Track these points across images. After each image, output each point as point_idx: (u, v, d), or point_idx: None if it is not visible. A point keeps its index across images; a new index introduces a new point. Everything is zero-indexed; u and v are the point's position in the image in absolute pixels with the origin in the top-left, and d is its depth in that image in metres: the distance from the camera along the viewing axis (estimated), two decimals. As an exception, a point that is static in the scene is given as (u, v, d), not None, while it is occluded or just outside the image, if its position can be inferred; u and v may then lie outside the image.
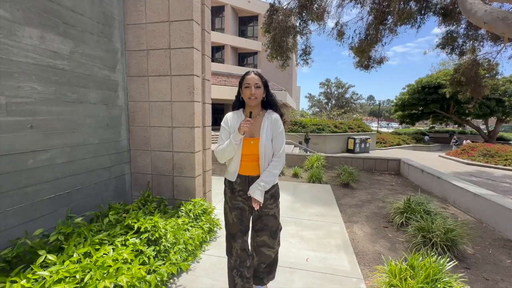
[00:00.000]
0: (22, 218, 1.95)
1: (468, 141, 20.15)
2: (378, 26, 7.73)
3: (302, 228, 3.19)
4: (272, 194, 1.68)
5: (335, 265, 2.38)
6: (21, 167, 1.93)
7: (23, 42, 1.91)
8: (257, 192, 1.56)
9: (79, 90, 2.40)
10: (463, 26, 8.71)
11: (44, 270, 1.50)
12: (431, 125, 34.14)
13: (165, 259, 2.10)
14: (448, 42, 9.22)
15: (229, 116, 1.70)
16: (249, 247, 1.81)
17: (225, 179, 1.73)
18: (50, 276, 1.46)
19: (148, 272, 1.89)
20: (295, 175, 6.15)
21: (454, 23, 8.56)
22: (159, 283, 1.88)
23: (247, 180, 1.64)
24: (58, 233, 1.93)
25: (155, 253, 2.09)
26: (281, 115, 1.69)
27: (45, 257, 1.60)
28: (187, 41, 2.84)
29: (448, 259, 2.08)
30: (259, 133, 1.62)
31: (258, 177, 1.62)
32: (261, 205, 1.59)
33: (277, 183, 1.71)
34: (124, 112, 3.01)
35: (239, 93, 1.68)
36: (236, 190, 1.66)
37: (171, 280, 2.08)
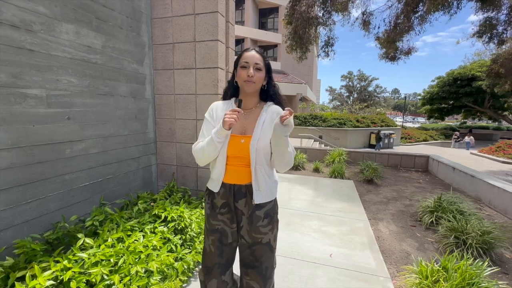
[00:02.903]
0: (62, 203, 2.09)
1: (471, 137, 18.81)
2: (409, 14, 7.27)
3: (324, 223, 3.14)
4: (267, 212, 1.24)
5: (360, 262, 2.33)
6: (60, 156, 2.05)
7: (60, 38, 2.01)
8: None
9: (110, 83, 2.49)
10: (505, 12, 7.98)
11: (83, 253, 1.60)
12: (462, 120, 31.99)
13: (191, 247, 2.16)
14: (486, 30, 8.50)
15: (216, 105, 1.31)
16: None
17: (207, 188, 1.33)
18: (89, 258, 1.55)
19: (176, 260, 1.96)
20: (316, 170, 6.05)
21: (494, 9, 7.85)
22: (186, 270, 1.95)
23: (232, 190, 1.23)
24: (93, 219, 2.05)
25: (181, 241, 2.15)
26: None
27: (84, 240, 1.70)
28: (211, 34, 2.84)
29: (486, 263, 1.95)
30: (253, 129, 1.22)
31: (248, 186, 1.22)
32: (286, 119, 1.02)
33: (273, 200, 1.28)
34: (151, 104, 3.10)
35: (233, 76, 1.28)
36: (217, 206, 1.26)
37: (197, 269, 2.14)
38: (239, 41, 22.92)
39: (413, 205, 3.86)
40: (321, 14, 8.45)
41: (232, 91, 1.32)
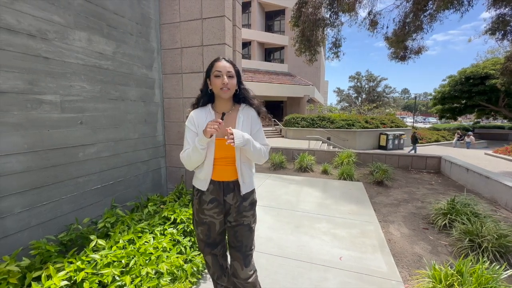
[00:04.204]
0: (74, 206, 2.14)
1: (471, 137, 18.48)
2: (418, 13, 7.15)
3: (334, 225, 3.10)
4: (251, 202, 1.44)
5: (371, 266, 2.28)
6: (73, 160, 2.11)
7: (74, 45, 2.08)
8: (239, 134, 1.25)
9: (121, 88, 2.55)
10: (518, 8, 7.75)
11: (96, 254, 1.63)
12: (475, 120, 31.12)
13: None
14: (499, 27, 8.27)
15: (195, 114, 1.41)
16: (227, 262, 1.59)
17: (194, 187, 1.46)
18: (101, 259, 1.59)
19: (185, 261, 1.97)
20: (325, 172, 5.99)
21: (507, 5, 7.64)
22: (195, 272, 1.96)
23: (221, 187, 1.37)
24: (104, 221, 2.10)
25: (190, 243, 2.17)
26: (258, 113, 1.43)
27: (96, 241, 1.74)
28: (219, 38, 2.87)
29: (504, 267, 1.88)
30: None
31: (235, 182, 1.38)
32: (233, 144, 1.23)
33: (254, 189, 1.47)
34: (160, 108, 3.15)
35: (206, 84, 1.39)
36: (205, 202, 1.39)
37: (205, 271, 2.15)
38: (246, 44, 23.05)
39: (425, 207, 3.77)
40: (328, 15, 8.43)
41: (206, 99, 1.43)
